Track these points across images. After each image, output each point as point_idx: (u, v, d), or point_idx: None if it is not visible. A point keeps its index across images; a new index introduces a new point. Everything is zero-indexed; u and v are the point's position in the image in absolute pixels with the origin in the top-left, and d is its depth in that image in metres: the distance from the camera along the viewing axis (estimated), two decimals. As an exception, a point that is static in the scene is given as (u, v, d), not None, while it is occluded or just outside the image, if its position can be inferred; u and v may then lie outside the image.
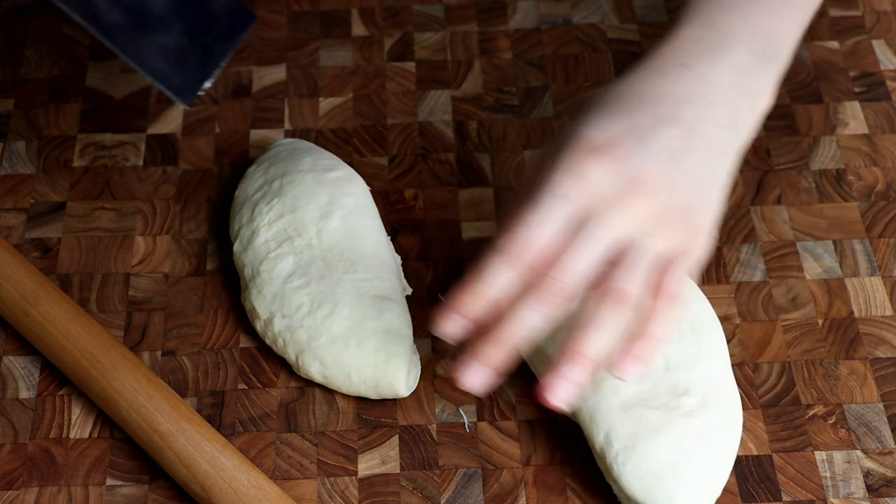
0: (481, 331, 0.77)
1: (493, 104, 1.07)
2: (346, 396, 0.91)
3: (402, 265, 0.97)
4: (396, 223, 0.99)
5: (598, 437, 0.84)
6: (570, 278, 0.75)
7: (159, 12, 0.89)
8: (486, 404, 0.91)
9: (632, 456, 0.83)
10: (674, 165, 0.77)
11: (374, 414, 0.90)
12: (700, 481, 0.83)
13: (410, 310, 0.93)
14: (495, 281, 0.76)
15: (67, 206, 1.01)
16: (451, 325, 0.77)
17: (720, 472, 0.84)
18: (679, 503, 0.82)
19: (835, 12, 1.13)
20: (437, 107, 1.06)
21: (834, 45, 1.11)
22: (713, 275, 0.97)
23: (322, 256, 0.92)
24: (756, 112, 0.80)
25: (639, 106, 0.78)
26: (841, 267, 0.97)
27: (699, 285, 0.95)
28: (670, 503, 0.82)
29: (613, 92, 0.79)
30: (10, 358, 0.93)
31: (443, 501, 0.86)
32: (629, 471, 0.83)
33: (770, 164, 1.03)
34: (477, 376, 0.77)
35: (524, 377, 0.92)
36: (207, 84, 0.90)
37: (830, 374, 0.92)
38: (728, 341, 0.93)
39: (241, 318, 0.94)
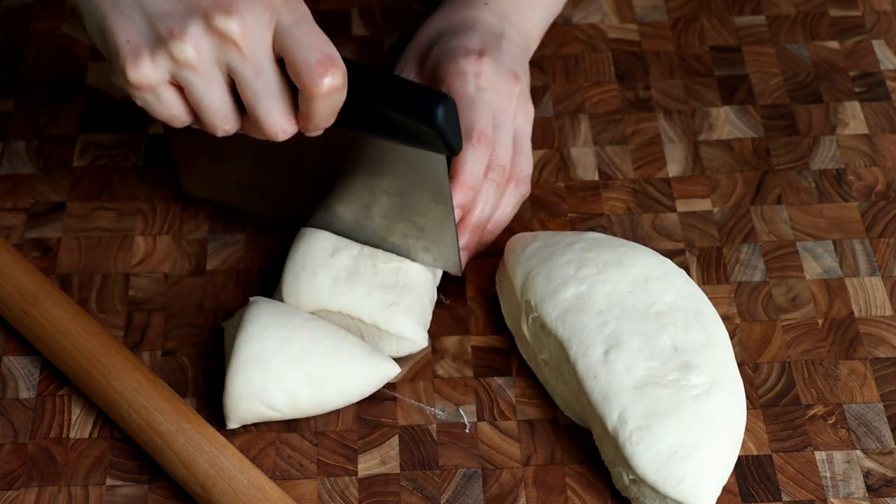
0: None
1: (493, 104, 1.06)
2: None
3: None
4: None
5: (612, 417, 0.84)
6: (505, 161, 0.94)
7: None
8: (486, 404, 0.91)
9: (645, 436, 0.83)
10: (515, 64, 0.98)
11: (374, 414, 0.90)
12: (709, 465, 0.83)
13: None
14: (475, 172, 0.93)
15: (67, 206, 1.01)
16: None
17: (728, 457, 0.85)
18: (689, 485, 0.83)
19: (835, 12, 1.13)
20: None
21: (834, 45, 1.11)
22: (713, 275, 0.97)
23: None
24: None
25: (470, 27, 0.99)
26: (841, 267, 0.97)
27: (699, 285, 0.95)
28: (680, 485, 0.83)
29: (438, 18, 1.01)
30: (10, 358, 0.93)
31: (443, 501, 0.86)
32: (642, 451, 0.83)
33: (770, 164, 1.03)
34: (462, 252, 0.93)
35: (524, 377, 0.92)
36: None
37: (830, 374, 0.92)
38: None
39: (241, 318, 0.95)
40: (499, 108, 0.95)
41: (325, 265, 0.92)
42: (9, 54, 1.10)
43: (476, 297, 0.96)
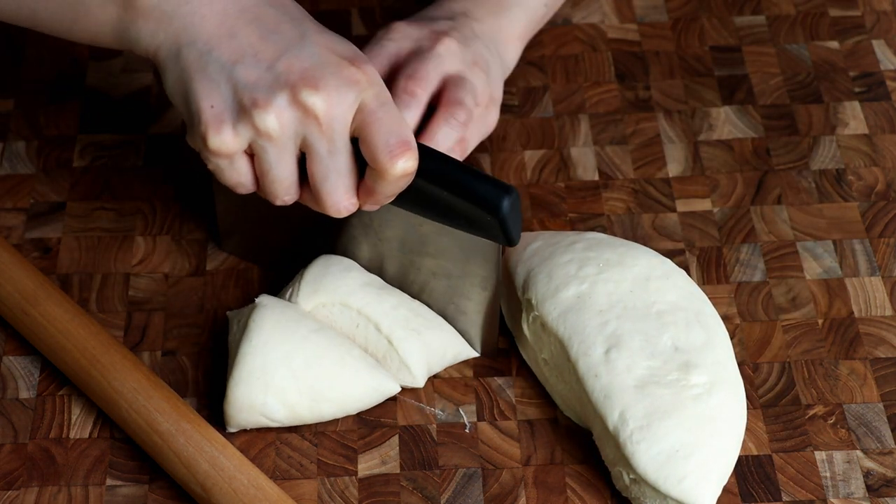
0: None
1: (493, 104, 1.07)
2: (346, 396, 0.91)
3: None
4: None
5: (613, 416, 0.84)
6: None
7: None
8: (486, 404, 0.91)
9: (646, 435, 0.83)
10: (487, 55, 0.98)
11: (374, 414, 0.90)
12: (710, 464, 0.83)
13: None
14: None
15: (67, 206, 1.01)
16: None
17: (729, 457, 0.85)
18: (690, 485, 0.83)
19: (835, 12, 1.13)
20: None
21: (834, 45, 1.11)
22: (713, 275, 0.97)
23: None
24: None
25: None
26: (841, 267, 0.97)
27: (699, 285, 0.95)
28: (681, 484, 0.83)
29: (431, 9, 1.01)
30: (10, 358, 0.93)
31: (443, 501, 0.86)
32: (643, 450, 0.83)
33: (770, 164, 1.03)
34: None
35: (524, 377, 0.92)
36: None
37: (830, 374, 0.92)
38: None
39: (241, 318, 0.95)
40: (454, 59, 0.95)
41: (360, 270, 0.92)
42: (9, 54, 1.10)
43: (476, 297, 0.96)
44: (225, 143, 0.81)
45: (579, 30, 1.12)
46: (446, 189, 0.84)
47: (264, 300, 0.89)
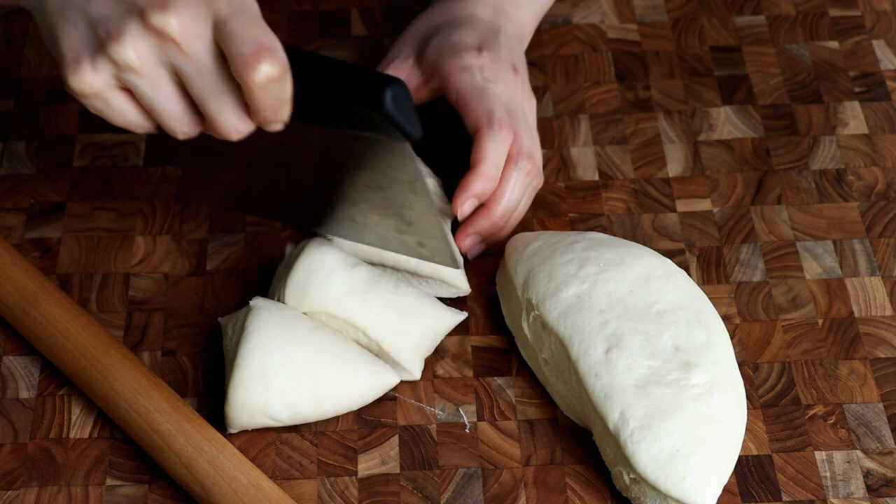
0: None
1: (493, 104, 1.06)
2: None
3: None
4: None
5: (613, 415, 0.84)
6: (531, 150, 0.95)
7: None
8: (486, 404, 0.91)
9: (646, 435, 0.83)
10: (513, 55, 0.99)
11: (374, 414, 0.90)
12: (711, 464, 0.83)
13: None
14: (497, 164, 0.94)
15: (67, 206, 1.01)
16: (467, 206, 0.93)
17: (729, 456, 0.85)
18: (690, 484, 0.83)
19: (835, 12, 1.13)
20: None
21: (834, 45, 1.11)
22: (713, 275, 0.97)
23: None
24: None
25: (467, 21, 0.99)
26: (841, 267, 0.97)
27: (699, 285, 0.95)
28: (682, 484, 0.83)
29: (435, 12, 1.02)
30: (10, 358, 0.93)
31: (443, 501, 0.86)
32: (643, 450, 0.83)
33: (770, 164, 1.03)
34: (476, 245, 0.96)
35: (524, 377, 0.92)
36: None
37: (830, 374, 0.92)
38: (728, 341, 0.93)
39: (241, 318, 0.95)
40: (507, 96, 0.95)
41: (342, 271, 0.91)
42: (9, 54, 1.10)
43: (476, 297, 0.96)
44: (86, 81, 0.78)
45: (579, 30, 1.12)
46: (331, 93, 0.81)
47: (259, 302, 0.89)
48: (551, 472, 0.88)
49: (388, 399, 0.91)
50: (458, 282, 0.94)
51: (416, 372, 0.91)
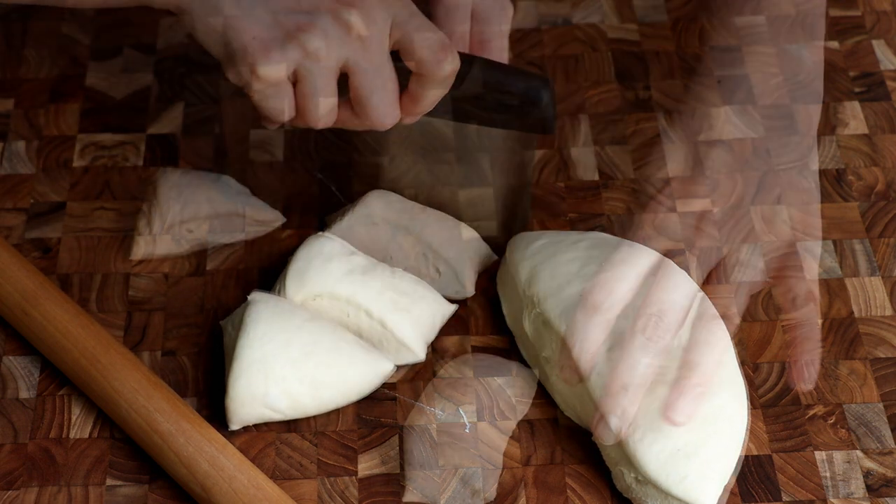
0: None
1: (493, 104, 1.06)
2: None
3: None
4: (396, 223, 0.99)
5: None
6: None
7: None
8: (486, 404, 0.91)
9: (648, 434, 0.83)
10: None
11: (374, 414, 0.90)
12: (713, 463, 0.84)
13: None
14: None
15: (67, 206, 1.01)
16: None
17: (731, 456, 0.85)
18: (692, 483, 0.83)
19: (835, 12, 1.13)
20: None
21: (834, 45, 1.11)
22: (713, 275, 0.97)
23: None
24: None
25: None
26: (841, 267, 0.97)
27: (699, 285, 0.95)
28: (683, 483, 0.83)
29: None
30: (10, 358, 0.93)
31: (443, 501, 0.86)
32: (644, 449, 0.83)
33: (770, 164, 1.03)
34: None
35: (524, 377, 0.92)
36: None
37: (830, 374, 0.92)
38: (728, 341, 0.93)
39: (241, 318, 0.94)
40: None
41: (341, 257, 0.93)
42: (9, 54, 1.10)
43: (476, 297, 0.96)
44: (276, 69, 0.83)
45: (579, 30, 1.12)
46: (484, 88, 0.89)
47: (256, 296, 0.90)
48: (551, 472, 0.88)
49: (388, 399, 0.91)
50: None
51: (419, 351, 0.92)
